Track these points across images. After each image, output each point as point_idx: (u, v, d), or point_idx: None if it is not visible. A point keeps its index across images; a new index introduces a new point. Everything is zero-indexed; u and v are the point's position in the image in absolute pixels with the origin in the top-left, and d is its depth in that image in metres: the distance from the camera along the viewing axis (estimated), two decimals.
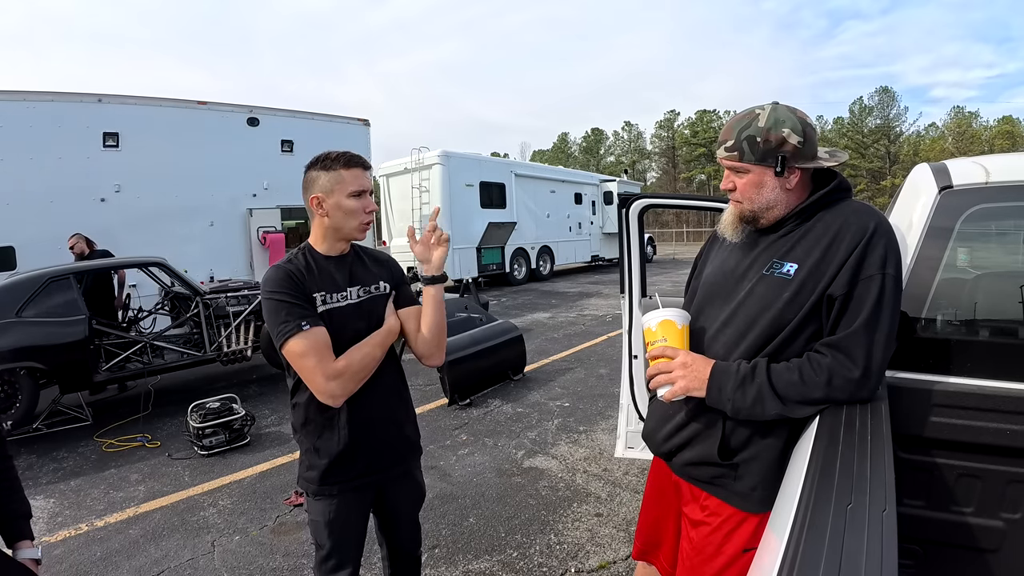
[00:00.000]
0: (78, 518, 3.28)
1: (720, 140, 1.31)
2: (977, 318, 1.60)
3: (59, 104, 7.15)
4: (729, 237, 1.38)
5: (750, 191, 1.27)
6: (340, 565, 1.65)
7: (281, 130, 9.28)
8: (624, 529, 2.95)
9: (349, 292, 1.59)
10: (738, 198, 1.31)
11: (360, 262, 1.66)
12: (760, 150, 1.23)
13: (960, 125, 48.50)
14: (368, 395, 1.56)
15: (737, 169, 1.28)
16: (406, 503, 1.80)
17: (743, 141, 1.24)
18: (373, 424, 1.60)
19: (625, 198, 2.71)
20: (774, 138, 1.21)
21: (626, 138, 64.21)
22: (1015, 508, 1.42)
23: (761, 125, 1.22)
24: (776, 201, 1.27)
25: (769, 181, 1.25)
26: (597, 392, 5.34)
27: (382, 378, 1.61)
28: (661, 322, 1.32)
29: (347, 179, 1.52)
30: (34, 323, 4.56)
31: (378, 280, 1.66)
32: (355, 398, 1.53)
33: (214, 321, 5.71)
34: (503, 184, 14.55)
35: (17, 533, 1.49)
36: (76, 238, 6.25)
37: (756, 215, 1.30)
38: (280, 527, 3.10)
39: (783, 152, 1.22)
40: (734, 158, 1.27)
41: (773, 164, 1.23)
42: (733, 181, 1.30)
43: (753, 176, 1.26)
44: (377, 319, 1.61)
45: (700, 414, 1.32)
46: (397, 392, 1.70)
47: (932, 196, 1.57)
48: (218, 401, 4.36)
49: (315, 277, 1.55)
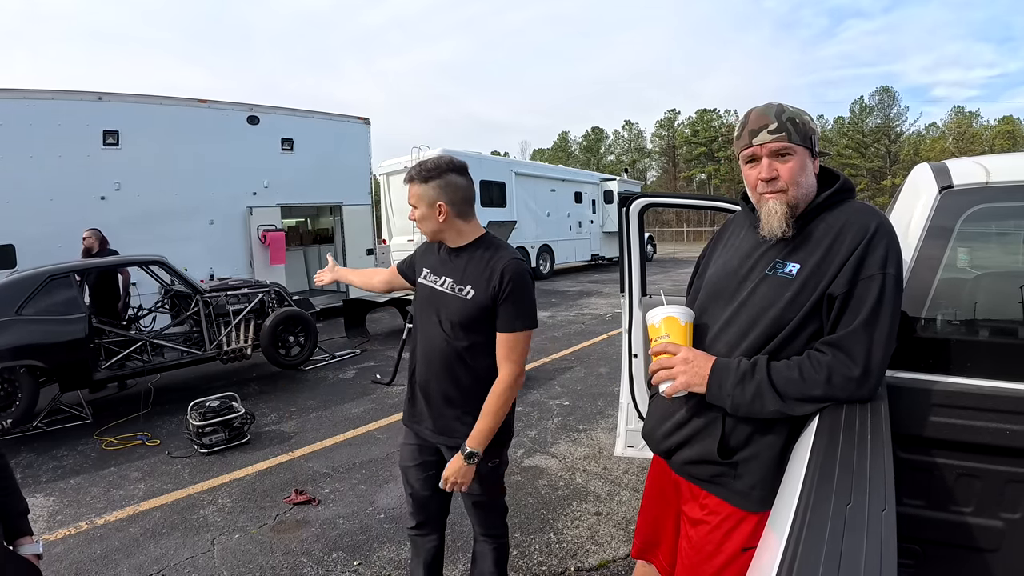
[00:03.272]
0: (78, 516, 3.29)
1: (755, 127, 1.25)
2: (977, 318, 1.60)
3: (59, 102, 7.14)
4: (778, 233, 1.25)
5: (798, 174, 1.22)
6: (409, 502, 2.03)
7: (281, 128, 9.27)
8: (623, 528, 2.95)
9: (443, 280, 1.80)
10: (782, 186, 1.23)
11: (472, 259, 1.77)
12: (801, 131, 1.23)
13: (960, 125, 48.50)
14: (419, 365, 1.86)
15: (782, 152, 1.23)
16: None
17: (787, 122, 1.21)
18: (416, 388, 1.88)
19: (625, 197, 2.71)
20: (806, 121, 1.24)
21: (626, 137, 64.19)
22: (1014, 508, 1.42)
23: (792, 110, 1.24)
24: (812, 187, 1.26)
25: (809, 164, 1.26)
26: (597, 391, 5.34)
27: (429, 359, 1.82)
28: (665, 319, 1.33)
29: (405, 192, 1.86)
30: (34, 321, 4.56)
31: (468, 284, 1.74)
32: (413, 359, 1.88)
33: (214, 319, 5.71)
34: (503, 183, 14.55)
35: (16, 530, 1.51)
36: (91, 233, 6.27)
37: (798, 202, 1.24)
38: (280, 525, 3.10)
39: (815, 135, 1.25)
40: (782, 139, 1.22)
41: (810, 146, 1.24)
42: (776, 168, 1.23)
43: (798, 158, 1.23)
44: (444, 314, 1.77)
45: (700, 412, 1.32)
46: (440, 378, 1.80)
47: (932, 196, 1.57)
48: (218, 399, 4.35)
49: (433, 256, 1.88)
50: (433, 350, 1.79)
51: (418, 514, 2.00)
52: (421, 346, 1.85)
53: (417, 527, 2.02)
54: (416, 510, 2.00)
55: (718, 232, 1.60)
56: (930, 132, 50.92)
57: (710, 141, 55.34)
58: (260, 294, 6.08)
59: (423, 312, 1.85)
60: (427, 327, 1.82)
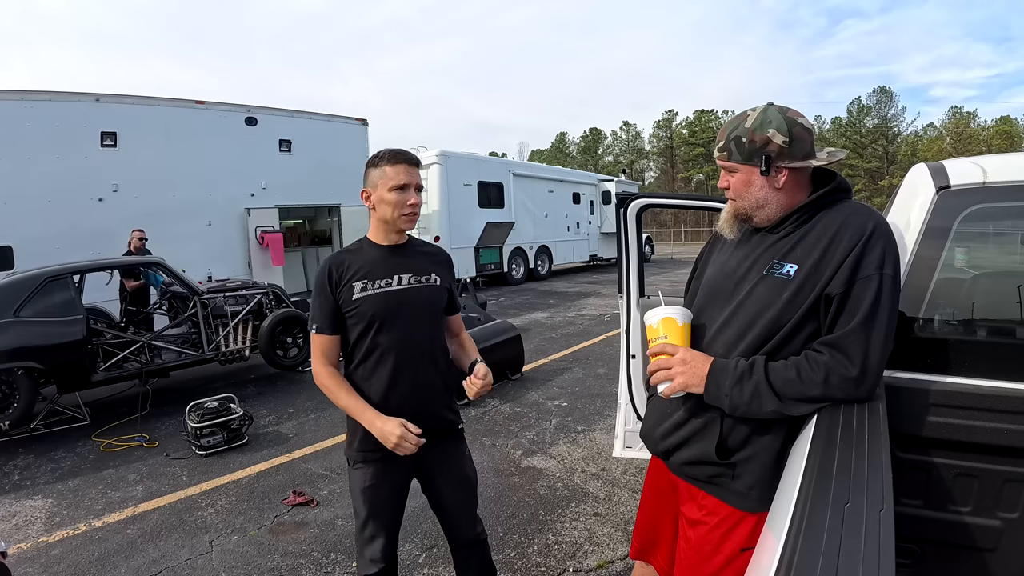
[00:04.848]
0: (76, 518, 3.28)
1: (715, 142, 1.39)
2: (974, 318, 1.61)
3: (57, 103, 7.14)
4: (727, 234, 1.42)
5: (741, 189, 1.33)
6: (374, 535, 1.76)
7: (279, 130, 9.28)
8: (622, 528, 2.95)
9: (397, 279, 1.72)
10: (732, 196, 1.36)
11: (414, 253, 1.79)
12: (746, 150, 1.28)
13: (958, 125, 48.59)
14: (397, 376, 1.70)
15: (728, 168, 1.34)
16: (450, 493, 1.84)
17: (731, 141, 1.31)
18: (398, 400, 1.70)
19: (623, 198, 2.70)
20: (759, 138, 1.26)
21: (624, 138, 64.21)
22: (1012, 507, 1.43)
23: (747, 126, 1.27)
24: (766, 200, 1.30)
25: (756, 180, 1.29)
26: (595, 392, 5.35)
27: (414, 360, 1.73)
28: (663, 319, 1.33)
29: (389, 174, 1.67)
30: (32, 323, 4.54)
31: (430, 272, 1.78)
32: (384, 377, 1.68)
33: (212, 321, 5.70)
34: (501, 184, 14.54)
35: None
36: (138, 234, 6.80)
37: (748, 213, 1.34)
38: (278, 527, 3.10)
39: (768, 152, 1.25)
40: (723, 158, 1.33)
41: (758, 163, 1.27)
42: (727, 180, 1.36)
43: (742, 175, 1.31)
44: (425, 304, 1.75)
45: (698, 412, 1.32)
46: (428, 373, 1.76)
47: (930, 196, 1.58)
48: (216, 401, 4.34)
49: (360, 266, 1.70)
50: (415, 347, 1.72)
51: (390, 550, 1.78)
52: (399, 353, 1.69)
53: (389, 567, 1.78)
54: (388, 551, 1.77)
55: (716, 233, 1.61)
56: (928, 132, 51.05)
57: (708, 142, 55.23)
58: (258, 295, 6.07)
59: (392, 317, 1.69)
60: (402, 327, 1.70)
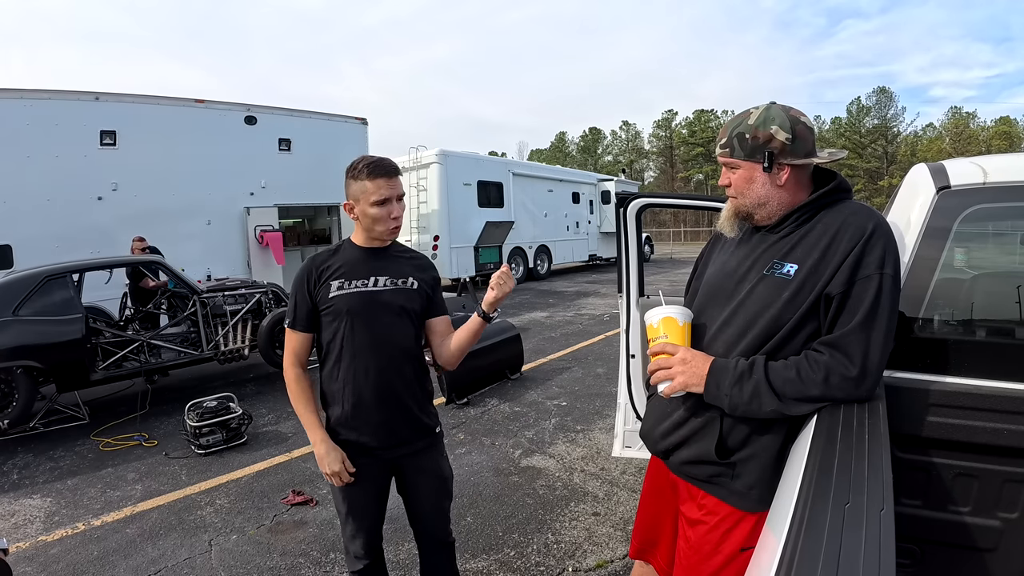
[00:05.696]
0: (75, 517, 3.28)
1: (717, 139, 1.38)
2: (974, 318, 1.61)
3: (56, 102, 7.12)
4: (727, 233, 1.42)
5: (742, 186, 1.33)
6: (355, 534, 1.82)
7: (279, 129, 9.25)
8: (621, 528, 2.95)
9: (375, 280, 1.73)
10: (733, 193, 1.36)
11: (394, 257, 1.80)
12: (748, 146, 1.28)
13: (958, 125, 48.61)
14: (370, 376, 1.70)
15: (730, 165, 1.34)
16: (425, 489, 1.86)
17: (734, 138, 1.31)
18: (372, 401, 1.72)
19: (623, 197, 2.70)
20: (762, 135, 1.26)
21: (624, 137, 64.23)
22: (1012, 508, 1.43)
23: (751, 123, 1.28)
24: (768, 197, 1.30)
25: (759, 177, 1.29)
26: (595, 391, 5.35)
27: (387, 361, 1.72)
28: (663, 319, 1.33)
29: (370, 189, 1.67)
30: (31, 322, 4.54)
31: (408, 276, 1.79)
32: (357, 377, 1.70)
33: (211, 320, 5.70)
34: (501, 183, 14.53)
35: None
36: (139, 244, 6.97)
37: (750, 211, 1.34)
38: (277, 526, 3.10)
39: (771, 148, 1.26)
40: (726, 154, 1.34)
41: (761, 160, 1.27)
42: (728, 177, 1.36)
43: (743, 172, 1.32)
44: (399, 307, 1.74)
45: (698, 412, 1.32)
46: (402, 375, 1.75)
47: (930, 196, 1.58)
48: (215, 400, 4.34)
49: (340, 266, 1.74)
50: (388, 349, 1.72)
51: (372, 546, 1.86)
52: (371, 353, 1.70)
53: (375, 563, 1.87)
54: (370, 547, 1.85)
55: (716, 233, 1.61)
56: (927, 132, 51.05)
57: (707, 142, 55.26)
58: (257, 294, 6.06)
59: (365, 316, 1.70)
60: (376, 328, 1.71)
